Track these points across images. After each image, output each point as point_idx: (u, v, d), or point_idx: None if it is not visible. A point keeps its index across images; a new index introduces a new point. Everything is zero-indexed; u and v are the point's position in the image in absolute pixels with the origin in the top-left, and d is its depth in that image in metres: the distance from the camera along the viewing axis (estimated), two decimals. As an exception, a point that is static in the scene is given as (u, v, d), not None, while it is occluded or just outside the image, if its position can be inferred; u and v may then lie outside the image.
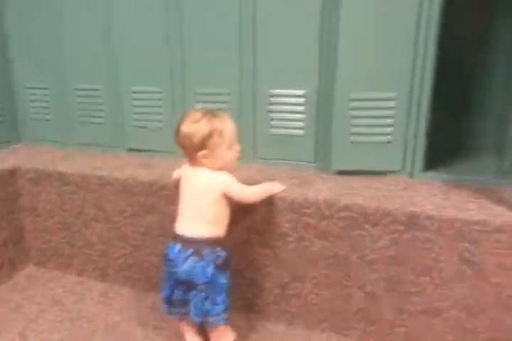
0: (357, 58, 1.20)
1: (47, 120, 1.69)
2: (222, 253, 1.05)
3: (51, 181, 1.45)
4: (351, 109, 1.23)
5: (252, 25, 1.31)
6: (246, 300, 1.28)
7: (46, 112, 1.68)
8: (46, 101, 1.66)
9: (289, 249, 1.19)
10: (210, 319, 1.06)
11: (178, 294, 1.07)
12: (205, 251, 1.02)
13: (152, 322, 1.28)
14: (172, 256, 1.05)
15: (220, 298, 1.05)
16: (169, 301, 1.10)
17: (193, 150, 1.03)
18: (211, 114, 1.04)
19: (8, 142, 1.73)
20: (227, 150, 1.04)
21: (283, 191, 1.18)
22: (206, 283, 1.03)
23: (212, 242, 1.04)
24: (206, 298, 1.04)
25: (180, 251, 1.04)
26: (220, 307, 1.05)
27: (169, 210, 1.30)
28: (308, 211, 1.15)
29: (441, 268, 1.06)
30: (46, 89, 1.65)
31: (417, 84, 1.18)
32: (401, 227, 1.07)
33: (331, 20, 1.21)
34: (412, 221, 1.06)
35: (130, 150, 1.58)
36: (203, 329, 1.15)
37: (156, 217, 1.33)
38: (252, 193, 1.10)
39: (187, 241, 1.04)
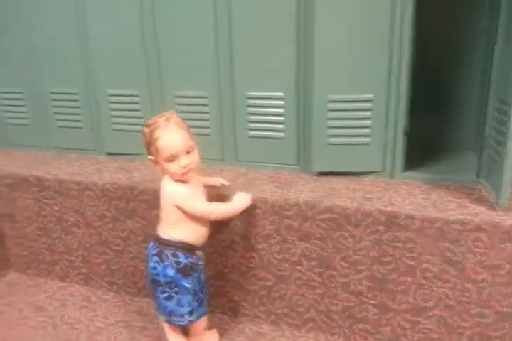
0: (334, 60, 1.19)
1: (24, 124, 1.64)
2: (184, 260, 1.04)
3: (28, 186, 1.42)
4: (330, 111, 1.22)
5: (228, 27, 1.28)
6: (232, 303, 1.28)
7: (23, 117, 1.64)
8: (22, 106, 1.62)
9: (273, 251, 1.19)
10: (174, 319, 1.07)
11: (150, 288, 1.10)
12: (167, 253, 1.04)
13: (138, 324, 1.27)
14: (147, 252, 1.09)
15: (185, 300, 1.05)
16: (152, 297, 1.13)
17: (147, 153, 1.06)
18: (164, 121, 1.00)
19: (-16, 147, 1.69)
20: (166, 162, 1.00)
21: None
22: (168, 282, 1.04)
23: (177, 246, 1.04)
24: (170, 298, 1.05)
25: (151, 248, 1.08)
26: (185, 309, 1.05)
27: (150, 215, 1.28)
28: (289, 213, 1.15)
29: (424, 267, 1.07)
30: (21, 93, 1.61)
31: (394, 85, 1.18)
32: (382, 227, 1.08)
33: (307, 22, 1.20)
34: (392, 221, 1.06)
35: (108, 154, 1.56)
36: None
37: (137, 221, 1.31)
38: (212, 210, 1.05)
39: (157, 240, 1.07)
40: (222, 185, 1.23)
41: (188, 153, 1.00)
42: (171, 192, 1.04)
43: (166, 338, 1.15)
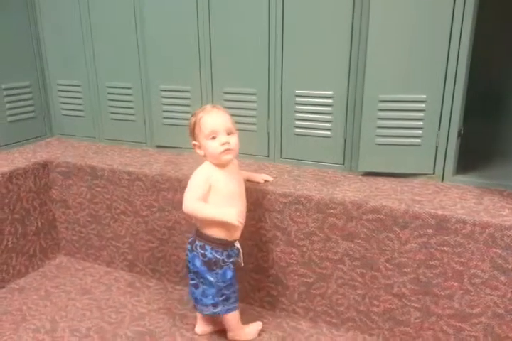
0: (387, 59, 1.18)
1: (79, 116, 1.73)
2: (209, 254, 1.07)
3: (82, 175, 1.50)
4: (380, 111, 1.22)
5: (281, 25, 1.30)
6: (271, 298, 1.30)
7: (79, 109, 1.72)
8: (79, 98, 1.71)
9: (315, 248, 1.20)
10: (198, 307, 1.13)
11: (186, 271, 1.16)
12: (196, 244, 1.09)
13: (179, 312, 1.31)
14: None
15: (209, 292, 1.09)
16: None
17: (191, 141, 1.11)
18: (209, 106, 1.09)
19: (42, 136, 1.79)
20: (207, 140, 1.04)
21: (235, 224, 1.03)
22: (195, 272, 1.10)
23: (208, 239, 1.07)
24: (196, 286, 1.11)
25: (192, 236, 1.13)
26: (208, 301, 1.09)
27: (196, 207, 1.32)
28: (334, 211, 1.15)
29: (472, 273, 1.04)
30: (79, 86, 1.69)
31: (449, 86, 1.16)
32: (430, 231, 1.06)
33: (361, 21, 1.20)
34: (442, 225, 1.04)
35: (158, 146, 1.61)
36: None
37: (182, 212, 1.35)
38: (189, 204, 1.04)
39: (196, 229, 1.12)
40: (265, 181, 1.25)
41: (228, 134, 1.05)
42: (194, 172, 1.08)
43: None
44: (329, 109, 1.32)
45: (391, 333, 1.17)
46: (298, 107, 1.35)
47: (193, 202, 1.04)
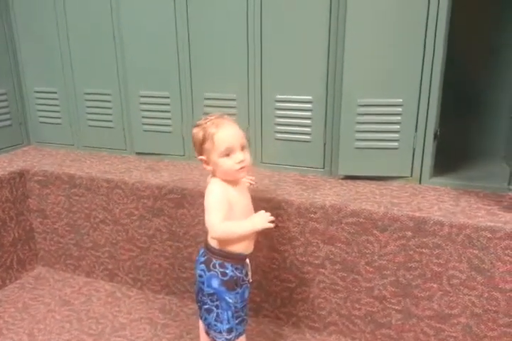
0: (364, 64, 1.20)
1: (57, 124, 1.70)
2: (230, 272, 0.98)
3: (60, 184, 1.47)
4: (358, 115, 1.23)
5: (259, 30, 1.31)
6: (254, 304, 1.29)
7: (56, 116, 1.69)
8: (56, 106, 1.68)
9: (297, 253, 1.20)
10: (212, 333, 1.02)
11: (196, 294, 1.05)
12: (215, 263, 0.98)
13: (161, 321, 1.29)
14: (197, 257, 1.04)
15: (224, 316, 0.99)
16: (196, 301, 1.07)
17: (197, 155, 1.01)
18: (216, 118, 0.98)
19: (19, 144, 1.75)
20: (220, 157, 0.95)
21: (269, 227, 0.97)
22: (210, 294, 0.99)
23: (222, 255, 0.98)
24: (209, 311, 1.00)
25: (200, 255, 1.03)
26: (223, 326, 0.99)
27: (177, 214, 1.31)
28: (315, 216, 1.15)
29: (450, 274, 1.05)
30: (55, 93, 1.67)
31: (425, 90, 1.18)
32: (409, 233, 1.07)
33: (338, 27, 1.21)
34: (421, 227, 1.06)
35: (138, 153, 1.60)
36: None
37: (163, 220, 1.34)
38: (217, 229, 0.93)
39: (206, 247, 1.01)
40: (250, 184, 1.23)
41: (242, 149, 0.97)
42: (207, 191, 0.98)
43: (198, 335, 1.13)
44: (309, 113, 1.33)
45: (373, 336, 1.17)
46: (278, 112, 1.36)
47: (221, 226, 0.94)
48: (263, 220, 0.95)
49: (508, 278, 1.01)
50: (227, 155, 0.96)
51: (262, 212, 0.97)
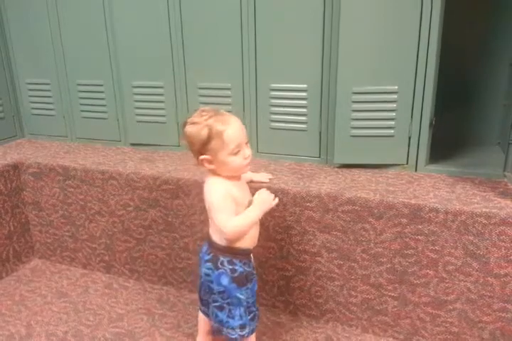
0: (359, 51, 1.18)
1: (50, 115, 1.68)
2: (240, 268, 0.97)
3: (54, 176, 1.46)
4: (354, 103, 1.22)
5: (253, 16, 1.29)
6: (250, 293, 1.29)
7: (49, 108, 1.68)
8: (49, 97, 1.66)
9: (293, 242, 1.20)
10: (225, 330, 1.00)
11: (202, 293, 1.04)
12: (222, 260, 0.97)
13: (158, 312, 1.29)
14: (200, 255, 1.03)
15: (236, 312, 0.97)
16: (199, 297, 1.06)
17: (194, 154, 0.96)
18: (215, 114, 0.94)
19: (12, 137, 1.74)
20: (230, 156, 0.92)
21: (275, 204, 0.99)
22: (221, 292, 0.97)
23: (230, 252, 0.97)
24: (221, 308, 0.98)
25: (204, 252, 1.00)
26: (236, 322, 0.97)
27: (172, 204, 1.31)
28: (310, 204, 1.15)
29: (446, 261, 1.06)
30: (48, 84, 1.65)
31: (420, 77, 1.17)
32: (405, 220, 1.07)
33: (333, 15, 1.20)
34: (416, 214, 1.06)
35: (132, 144, 1.58)
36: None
37: (159, 211, 1.34)
38: (229, 228, 0.92)
39: (211, 244, 0.99)
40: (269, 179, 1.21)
41: (246, 143, 0.96)
42: (211, 192, 0.95)
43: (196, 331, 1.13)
44: (304, 102, 1.32)
45: (369, 323, 1.18)
46: (273, 101, 1.35)
47: (230, 223, 0.92)
48: (267, 201, 0.96)
49: (503, 264, 1.01)
50: (237, 152, 0.93)
51: (262, 190, 0.98)
